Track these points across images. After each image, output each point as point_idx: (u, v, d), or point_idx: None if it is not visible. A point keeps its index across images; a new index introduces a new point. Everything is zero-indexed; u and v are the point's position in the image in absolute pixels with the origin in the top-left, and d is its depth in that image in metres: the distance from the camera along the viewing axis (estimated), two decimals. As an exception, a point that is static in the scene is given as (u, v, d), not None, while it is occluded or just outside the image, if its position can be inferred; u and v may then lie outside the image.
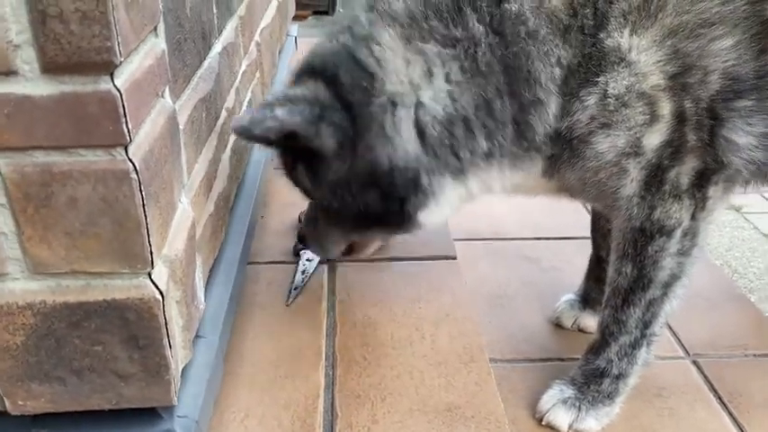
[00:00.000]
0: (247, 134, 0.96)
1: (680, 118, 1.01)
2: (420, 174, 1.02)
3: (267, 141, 0.99)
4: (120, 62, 0.61)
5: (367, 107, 0.98)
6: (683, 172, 1.08)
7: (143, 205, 0.66)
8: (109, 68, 0.60)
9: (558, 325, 1.52)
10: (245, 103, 1.32)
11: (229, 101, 1.14)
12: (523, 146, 1.04)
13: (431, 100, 0.98)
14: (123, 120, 0.62)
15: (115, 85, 0.61)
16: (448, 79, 0.98)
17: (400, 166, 1.00)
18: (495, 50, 0.97)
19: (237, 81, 1.22)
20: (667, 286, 1.17)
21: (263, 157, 1.52)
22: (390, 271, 1.33)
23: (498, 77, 0.98)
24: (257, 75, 1.46)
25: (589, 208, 1.51)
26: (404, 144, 1.00)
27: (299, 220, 1.44)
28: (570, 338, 1.46)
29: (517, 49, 0.96)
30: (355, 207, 1.05)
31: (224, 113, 1.10)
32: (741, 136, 1.03)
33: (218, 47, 1.07)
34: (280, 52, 1.96)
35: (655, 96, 0.99)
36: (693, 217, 1.12)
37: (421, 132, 1.00)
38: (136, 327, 0.71)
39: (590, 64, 0.98)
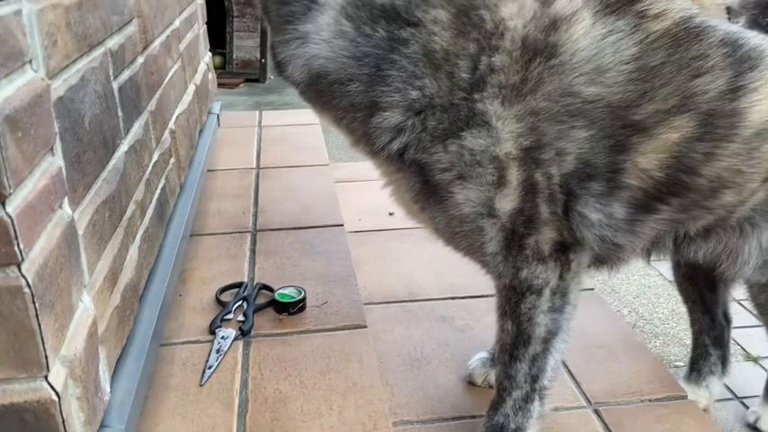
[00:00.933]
0: None
1: (530, 188, 1.12)
2: None
3: None
4: (10, 192, 0.68)
5: None
6: (542, 241, 1.18)
7: (36, 315, 0.73)
8: (-1, 199, 0.67)
9: (471, 383, 1.60)
10: (158, 191, 1.39)
11: (138, 194, 1.21)
12: None
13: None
14: (15, 242, 0.69)
15: (6, 212, 0.68)
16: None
17: None
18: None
19: (148, 173, 1.29)
20: (546, 342, 1.27)
21: (181, 232, 1.58)
22: (302, 344, 1.40)
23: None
24: (172, 160, 1.53)
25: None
26: None
27: (217, 298, 1.50)
28: (483, 396, 1.54)
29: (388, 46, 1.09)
30: None
31: (132, 206, 1.17)
32: (593, 212, 1.15)
33: (123, 147, 1.14)
34: (200, 132, 2.05)
35: (505, 162, 1.10)
36: (561, 277, 1.22)
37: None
38: (35, 428, 0.76)
39: (458, 115, 1.09)
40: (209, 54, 2.34)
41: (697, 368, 1.79)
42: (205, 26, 2.29)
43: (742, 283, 1.55)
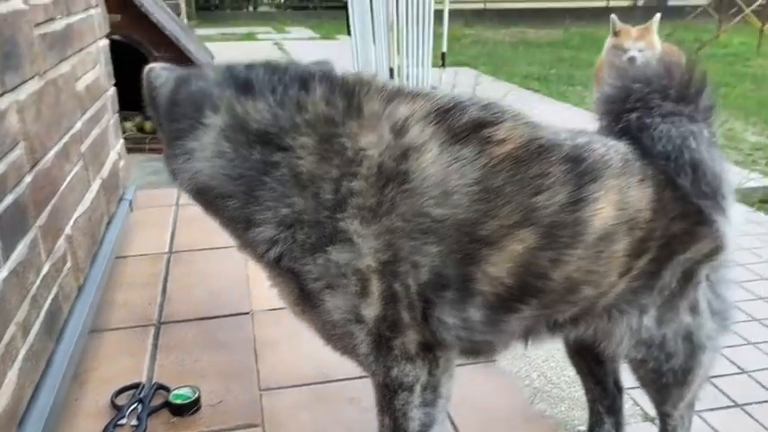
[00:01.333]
0: None
1: (390, 297, 1.21)
2: None
3: None
4: None
5: None
6: (408, 342, 1.27)
7: None
8: None
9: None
10: (48, 303, 1.42)
11: (20, 315, 1.24)
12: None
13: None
14: None
15: None
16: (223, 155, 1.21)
17: None
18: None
19: (34, 290, 1.33)
20: None
21: (77, 334, 1.60)
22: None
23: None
24: (67, 266, 1.57)
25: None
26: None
27: (112, 402, 1.53)
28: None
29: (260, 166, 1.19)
30: None
31: (12, 329, 1.20)
32: (449, 317, 1.24)
33: (2, 273, 1.18)
34: (108, 223, 2.08)
35: (367, 275, 1.19)
36: (431, 373, 1.31)
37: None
38: None
39: (324, 231, 1.18)
40: (121, 141, 2.39)
41: (596, 424, 1.87)
42: (116, 116, 2.35)
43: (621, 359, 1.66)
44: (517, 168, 1.22)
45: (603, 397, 1.85)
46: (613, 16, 4.04)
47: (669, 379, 1.53)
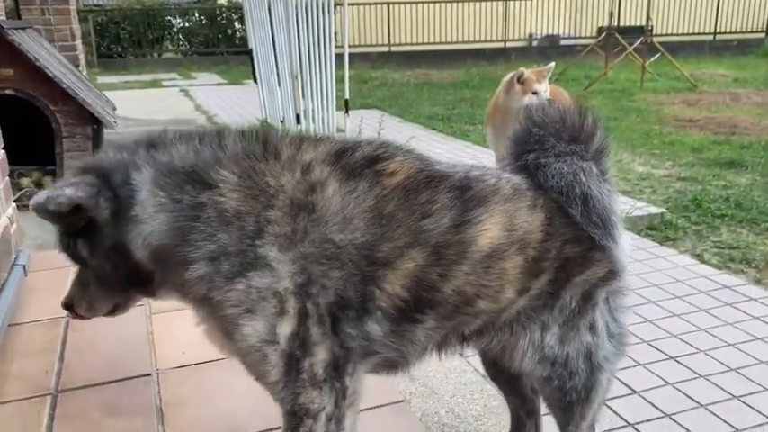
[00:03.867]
0: (43, 209, 1.30)
1: (303, 314, 1.33)
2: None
3: (58, 215, 1.32)
4: None
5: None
6: (316, 362, 1.37)
7: None
8: None
9: None
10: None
11: None
12: None
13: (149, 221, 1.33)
14: None
15: None
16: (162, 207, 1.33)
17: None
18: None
19: None
20: None
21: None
22: None
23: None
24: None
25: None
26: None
27: None
28: None
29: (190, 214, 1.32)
30: (122, 271, 1.40)
31: None
32: (353, 329, 1.37)
33: None
34: (0, 292, 2.02)
35: (285, 296, 1.31)
36: (336, 404, 1.40)
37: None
38: None
39: (245, 259, 1.30)
40: (13, 206, 2.33)
41: None
42: (7, 179, 2.29)
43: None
44: (407, 196, 1.39)
45: (523, 404, 2.02)
46: (521, 69, 4.33)
47: (572, 397, 1.67)
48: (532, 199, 1.50)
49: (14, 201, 4.58)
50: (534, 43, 17.00)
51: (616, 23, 12.30)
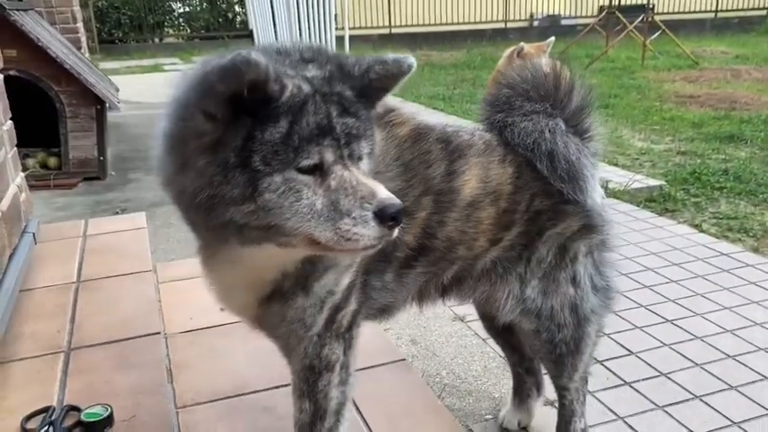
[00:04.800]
0: (237, 71, 0.99)
1: (357, 267, 1.39)
2: None
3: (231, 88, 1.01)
4: None
5: None
6: (347, 314, 1.43)
7: None
8: None
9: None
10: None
11: None
12: None
13: None
14: None
15: None
16: None
17: None
18: None
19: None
20: (338, 413, 1.48)
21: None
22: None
23: None
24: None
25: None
26: None
27: (22, 427, 1.54)
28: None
29: None
30: None
31: None
32: (377, 280, 1.46)
33: None
34: (11, 256, 2.08)
35: None
36: (345, 353, 1.46)
37: None
38: None
39: None
40: (21, 175, 2.39)
41: (518, 395, 2.13)
42: (15, 149, 2.34)
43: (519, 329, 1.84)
44: (414, 146, 1.45)
45: (521, 361, 2.10)
46: (523, 44, 4.36)
47: (563, 349, 1.74)
48: (502, 154, 1.57)
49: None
50: (535, 23, 16.92)
51: (617, 2, 12.26)
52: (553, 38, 4.40)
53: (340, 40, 14.83)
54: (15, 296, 1.97)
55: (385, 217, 1.06)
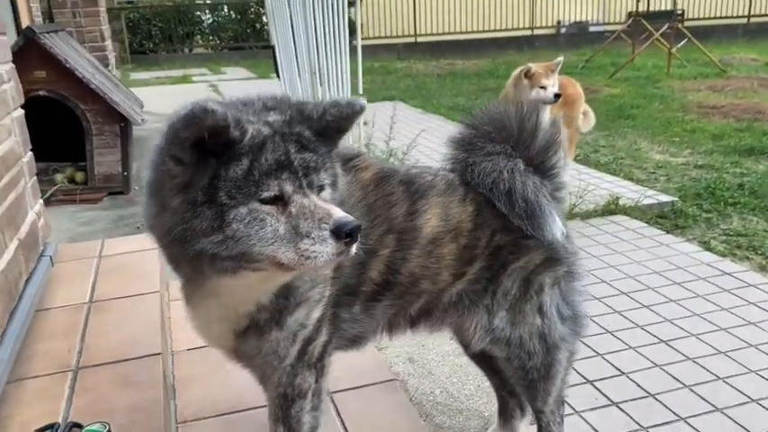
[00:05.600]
0: (196, 119, 1.12)
1: (327, 301, 1.51)
2: None
3: (196, 138, 1.14)
4: None
5: None
6: (318, 345, 1.56)
7: None
8: None
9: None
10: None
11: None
12: None
13: None
14: None
15: None
16: None
17: None
18: None
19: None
20: None
21: None
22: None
23: None
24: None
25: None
26: None
27: (30, 443, 1.68)
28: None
29: None
30: None
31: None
32: (346, 312, 1.57)
33: None
34: (28, 279, 2.24)
35: (325, 284, 1.50)
36: (317, 381, 1.58)
37: None
38: None
39: None
40: (40, 202, 2.56)
41: (503, 415, 2.23)
42: (35, 178, 2.51)
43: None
44: (377, 189, 1.57)
45: (503, 384, 2.19)
46: (529, 64, 4.41)
47: (534, 375, 1.83)
48: (463, 193, 1.68)
49: (50, 195, 4.90)
50: (562, 30, 16.87)
51: (646, 8, 12.17)
52: (561, 57, 4.45)
53: (364, 49, 14.97)
54: (30, 318, 2.12)
55: (341, 234, 1.18)
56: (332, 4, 4.94)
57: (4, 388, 1.85)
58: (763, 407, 2.43)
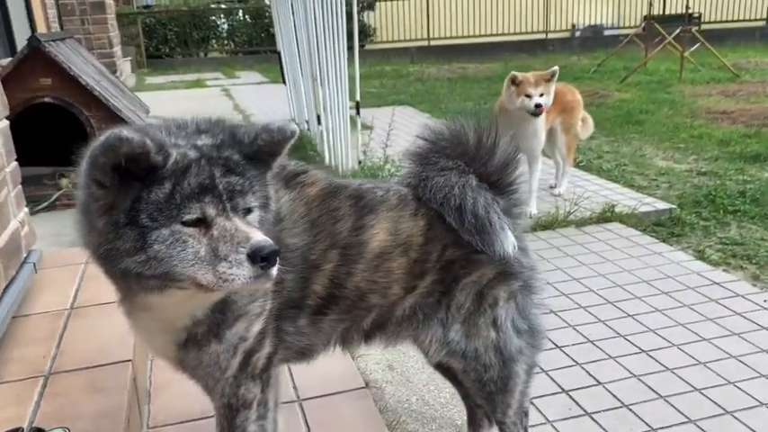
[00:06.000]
0: (112, 147, 1.16)
1: (269, 315, 1.55)
2: None
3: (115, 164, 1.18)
4: None
5: None
6: (261, 357, 1.59)
7: None
8: None
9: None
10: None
11: None
12: None
13: None
14: None
15: None
16: None
17: None
18: None
19: None
20: None
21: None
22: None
23: None
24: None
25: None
26: None
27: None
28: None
29: None
30: None
31: None
32: (290, 325, 1.60)
33: None
34: (6, 288, 2.30)
35: (266, 298, 1.53)
36: (263, 391, 1.61)
37: None
38: None
39: None
40: (25, 210, 2.62)
41: (472, 425, 2.26)
42: (19, 187, 2.58)
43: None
44: (322, 204, 1.60)
45: (467, 395, 2.21)
46: (515, 72, 4.42)
47: (491, 387, 1.85)
48: (415, 208, 1.69)
49: (55, 200, 5.00)
50: (577, 34, 16.79)
51: (662, 11, 12.07)
52: (557, 67, 4.45)
53: (373, 53, 15.08)
54: (6, 325, 2.19)
55: (256, 258, 1.21)
56: (332, 12, 5.00)
57: (-25, 392, 1.91)
58: (738, 419, 2.42)
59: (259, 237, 1.23)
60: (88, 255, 1.36)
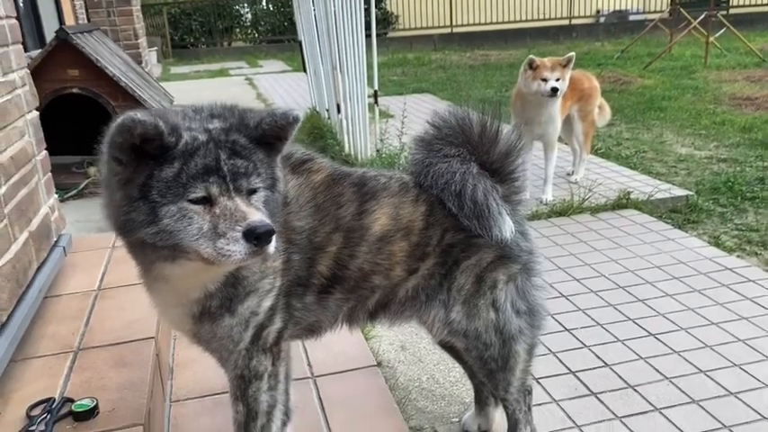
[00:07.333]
0: (126, 128, 1.27)
1: (279, 291, 1.65)
2: None
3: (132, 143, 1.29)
4: None
5: None
6: (272, 331, 1.70)
7: None
8: None
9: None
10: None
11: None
12: None
13: None
14: None
15: None
16: None
17: None
18: None
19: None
20: (269, 414, 1.76)
21: None
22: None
23: None
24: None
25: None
26: None
27: (27, 414, 1.87)
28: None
29: None
30: None
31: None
32: (298, 302, 1.69)
33: None
34: (39, 268, 2.44)
35: (276, 275, 1.63)
36: (273, 364, 1.72)
37: None
38: None
39: None
40: (55, 196, 2.76)
41: (479, 402, 2.34)
42: (49, 174, 2.72)
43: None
44: (328, 190, 1.70)
45: (473, 374, 2.28)
46: (532, 56, 4.46)
47: (492, 366, 1.94)
48: (416, 194, 1.77)
49: (83, 187, 5.18)
50: (601, 20, 16.60)
51: (688, -4, 11.89)
52: (573, 54, 4.47)
53: (397, 41, 15.08)
54: (39, 303, 2.33)
55: (250, 237, 1.31)
56: (351, 1, 5.07)
57: (11, 366, 2.05)
58: (741, 400, 2.47)
59: (255, 217, 1.32)
60: (113, 230, 1.47)
